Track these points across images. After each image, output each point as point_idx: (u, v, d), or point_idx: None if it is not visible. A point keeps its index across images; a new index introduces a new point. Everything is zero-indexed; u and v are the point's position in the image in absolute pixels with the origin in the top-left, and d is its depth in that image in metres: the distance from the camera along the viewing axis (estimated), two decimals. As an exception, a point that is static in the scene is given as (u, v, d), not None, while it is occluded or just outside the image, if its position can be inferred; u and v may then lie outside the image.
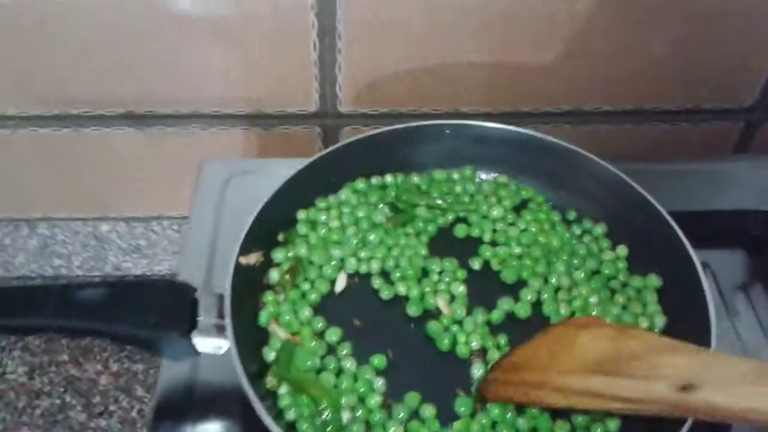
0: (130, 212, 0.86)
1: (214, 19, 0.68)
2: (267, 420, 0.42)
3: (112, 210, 0.86)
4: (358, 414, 0.46)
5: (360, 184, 0.60)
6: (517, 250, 0.56)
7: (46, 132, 0.76)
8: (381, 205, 0.58)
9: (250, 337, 0.49)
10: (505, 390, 0.46)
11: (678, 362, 0.39)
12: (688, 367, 0.38)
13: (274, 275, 0.53)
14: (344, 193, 0.59)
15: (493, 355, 0.50)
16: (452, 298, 0.53)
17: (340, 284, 0.54)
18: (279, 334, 0.50)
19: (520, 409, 0.46)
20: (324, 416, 0.45)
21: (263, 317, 0.51)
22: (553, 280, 0.54)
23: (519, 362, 0.46)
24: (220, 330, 0.46)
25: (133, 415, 0.77)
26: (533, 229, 0.57)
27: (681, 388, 0.37)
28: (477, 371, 0.49)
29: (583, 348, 0.42)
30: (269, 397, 0.46)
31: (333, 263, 0.54)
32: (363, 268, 0.55)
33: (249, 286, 0.51)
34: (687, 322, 0.50)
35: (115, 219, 0.86)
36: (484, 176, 0.62)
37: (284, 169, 0.55)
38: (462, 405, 0.47)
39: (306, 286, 0.53)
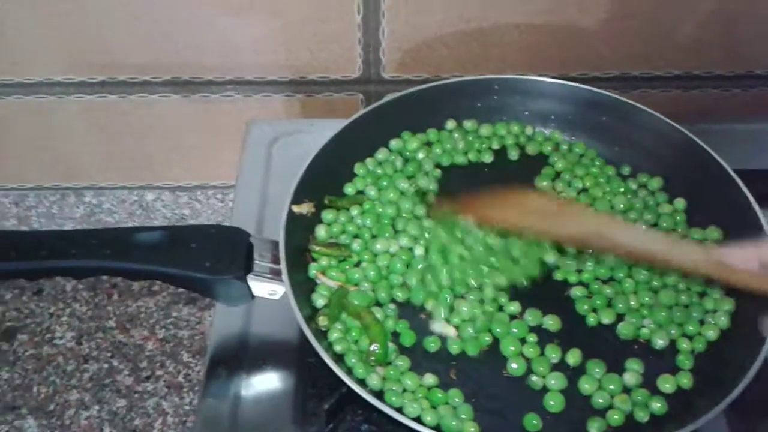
0: (175, 181, 0.87)
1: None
2: (321, 352, 0.42)
3: (158, 178, 0.86)
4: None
5: (409, 139, 0.60)
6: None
7: (92, 98, 0.77)
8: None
9: (302, 285, 0.49)
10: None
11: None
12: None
13: (321, 232, 0.53)
14: (394, 144, 0.59)
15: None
16: None
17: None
18: (328, 283, 0.50)
19: None
20: (373, 348, 0.45)
21: (312, 269, 0.50)
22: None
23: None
24: (275, 274, 0.46)
25: (179, 380, 0.78)
26: (588, 184, 0.57)
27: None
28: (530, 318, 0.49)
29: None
30: (320, 337, 0.46)
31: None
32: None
33: (299, 238, 0.51)
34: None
35: (161, 188, 0.87)
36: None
37: (330, 130, 0.55)
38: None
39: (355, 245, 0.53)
